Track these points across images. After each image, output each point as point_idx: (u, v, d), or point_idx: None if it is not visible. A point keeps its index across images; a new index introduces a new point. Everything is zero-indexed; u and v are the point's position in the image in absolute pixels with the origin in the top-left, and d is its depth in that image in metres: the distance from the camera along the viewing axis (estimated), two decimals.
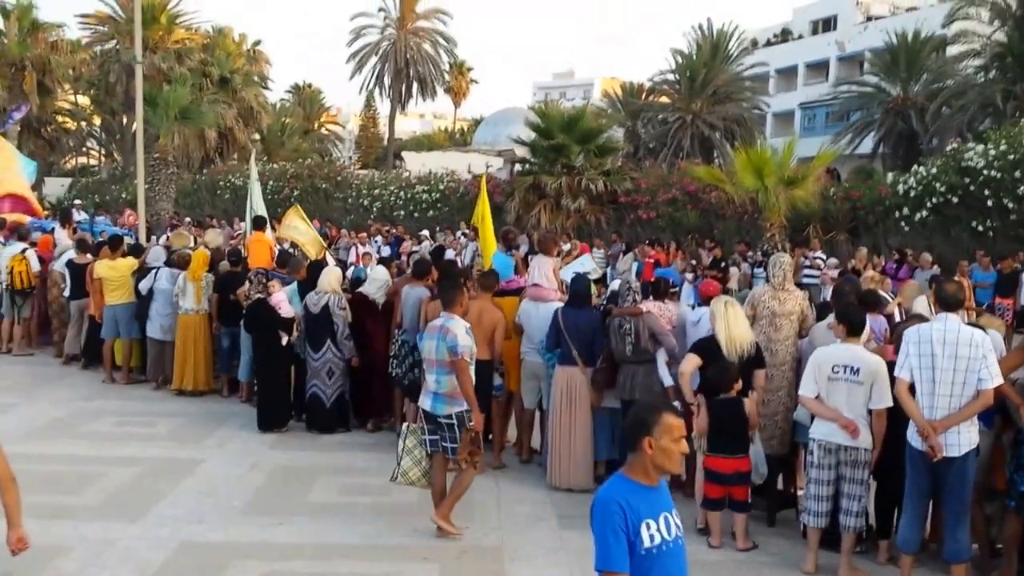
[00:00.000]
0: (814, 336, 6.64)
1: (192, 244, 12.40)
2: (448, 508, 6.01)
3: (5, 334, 12.03)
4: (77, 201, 24.11)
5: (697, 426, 6.07)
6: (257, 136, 42.55)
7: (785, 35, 50.54)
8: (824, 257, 15.95)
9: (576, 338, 7.00)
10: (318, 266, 9.64)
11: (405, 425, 6.37)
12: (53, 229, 13.74)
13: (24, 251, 11.82)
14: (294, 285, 9.14)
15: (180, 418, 8.95)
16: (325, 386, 8.46)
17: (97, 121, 47.34)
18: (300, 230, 12.27)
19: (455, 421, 5.90)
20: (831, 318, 6.26)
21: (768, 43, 49.93)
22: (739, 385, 6.02)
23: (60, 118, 42.77)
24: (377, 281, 8.81)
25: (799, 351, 6.68)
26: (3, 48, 38.07)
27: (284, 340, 8.56)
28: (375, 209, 29.01)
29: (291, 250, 11.75)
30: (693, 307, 8.08)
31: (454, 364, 5.83)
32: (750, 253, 17.05)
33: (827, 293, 12.17)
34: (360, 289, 8.87)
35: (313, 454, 7.92)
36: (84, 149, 51.56)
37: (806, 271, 15.00)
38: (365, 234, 20.28)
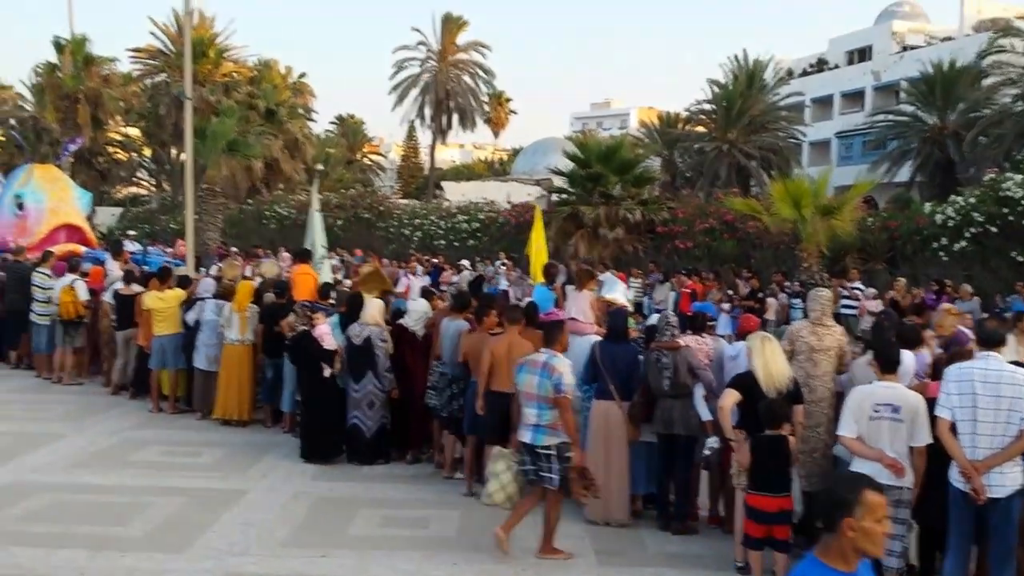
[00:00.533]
0: (854, 372, 6.60)
1: (245, 274, 12.62)
2: (549, 542, 6.26)
3: (57, 364, 12.37)
4: (131, 232, 24.83)
5: (738, 462, 6.04)
6: (303, 166, 43.33)
7: (821, 65, 51.13)
8: (863, 288, 15.78)
9: (612, 372, 7.04)
10: (358, 299, 9.82)
11: (496, 449, 6.50)
12: (104, 260, 14.12)
13: (73, 282, 12.16)
14: (335, 317, 9.32)
15: (224, 448, 9.14)
16: (366, 417, 8.59)
17: (147, 152, 48.62)
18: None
19: (554, 452, 6.08)
20: (871, 354, 6.23)
21: (804, 73, 50.51)
22: (788, 426, 5.98)
23: (112, 149, 44.07)
24: (416, 313, 8.95)
25: (838, 386, 6.64)
26: (58, 81, 39.41)
27: (327, 372, 8.72)
28: (416, 239, 29.36)
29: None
30: (730, 339, 8.07)
31: (558, 401, 6.04)
32: (787, 283, 16.92)
33: (865, 324, 12.04)
34: (400, 321, 9.00)
35: (354, 485, 8.03)
36: (134, 179, 52.93)
37: (844, 302, 14.86)
38: (415, 263, 20.45)
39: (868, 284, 16.80)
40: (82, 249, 15.04)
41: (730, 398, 6.25)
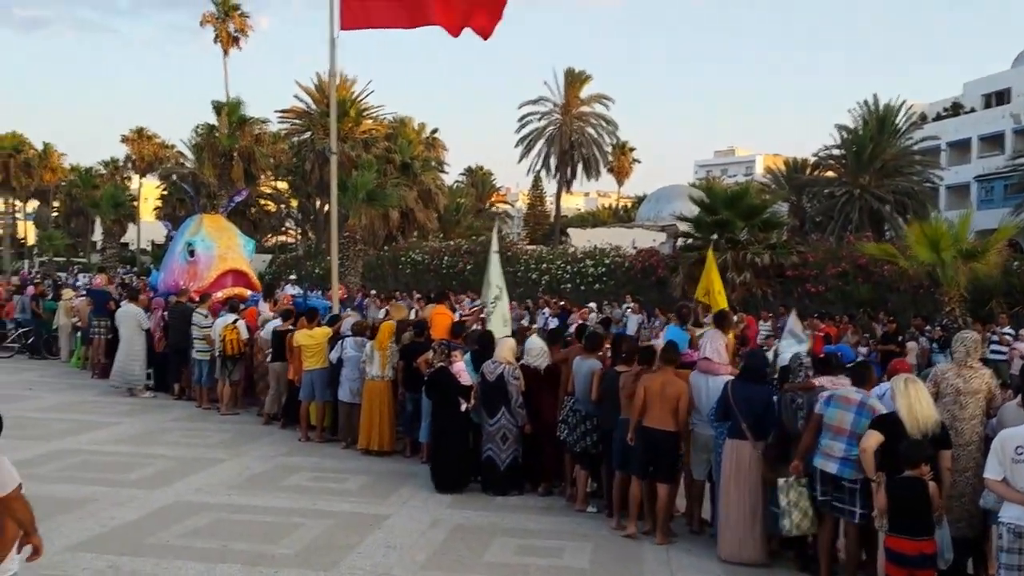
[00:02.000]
0: (1004, 415, 6.36)
1: (412, 315, 13.10)
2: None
3: (218, 395, 13.32)
4: (292, 277, 26.47)
5: (877, 504, 5.92)
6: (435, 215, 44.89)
7: (956, 109, 49.65)
8: (1013, 332, 14.93)
9: (745, 412, 7.04)
10: (489, 337, 10.20)
11: (783, 481, 6.63)
12: (258, 301, 15.16)
13: (235, 321, 13.13)
14: (468, 354, 9.71)
15: (367, 475, 9.59)
16: (499, 450, 8.88)
17: (294, 204, 51.67)
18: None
19: (859, 487, 6.21)
20: (1021, 397, 6.01)
21: (938, 117, 49.22)
22: (927, 467, 5.83)
23: (263, 201, 47.13)
24: (534, 350, 9.26)
25: (988, 430, 6.40)
26: (215, 140, 42.63)
27: (463, 407, 9.08)
28: (543, 282, 29.78)
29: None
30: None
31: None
32: (928, 328, 16.20)
33: (1016, 369, 11.41)
34: (523, 361, 9.29)
35: (489, 515, 8.27)
36: (283, 229, 56.31)
37: (993, 347, 14.15)
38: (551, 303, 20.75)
39: (1016, 329, 15.88)
40: (247, 292, 15.92)
41: (873, 439, 6.13)
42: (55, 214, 71.27)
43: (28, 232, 73.39)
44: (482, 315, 12.43)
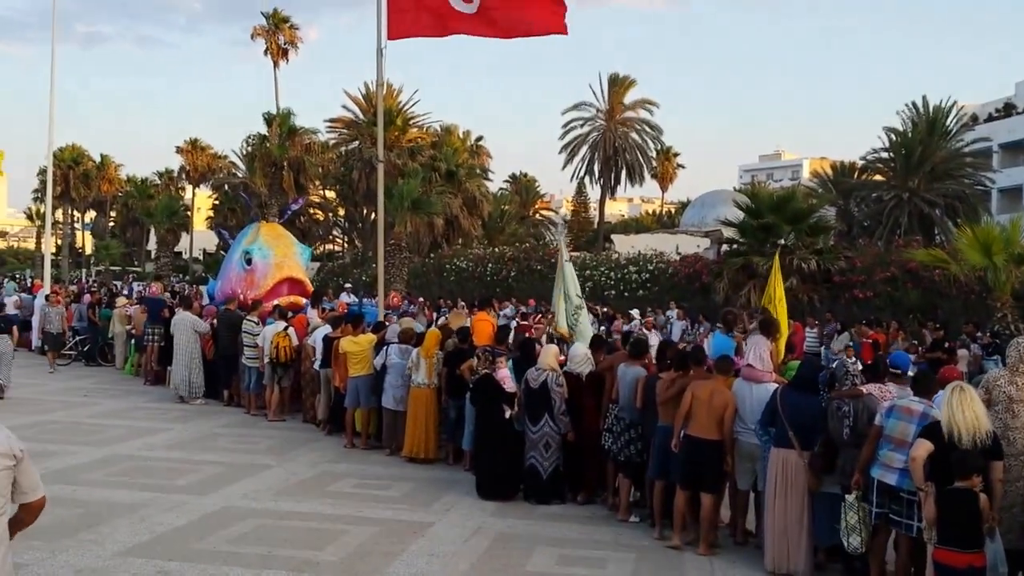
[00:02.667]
0: None
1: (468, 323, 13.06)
2: None
3: (266, 401, 13.54)
4: (347, 285, 26.84)
5: (926, 515, 5.77)
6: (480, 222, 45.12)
7: (1008, 109, 48.37)
8: None
9: (793, 421, 6.92)
10: (531, 344, 10.20)
11: (851, 497, 6.49)
12: (306, 309, 15.34)
13: (286, 328, 13.32)
14: (510, 361, 9.71)
15: (411, 482, 9.66)
16: (542, 458, 8.86)
17: (341, 212, 52.37)
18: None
19: (918, 499, 6.10)
20: None
21: (990, 118, 47.93)
22: (979, 479, 5.67)
23: (311, 210, 47.88)
24: (577, 357, 9.25)
25: None
26: (266, 151, 43.42)
27: (507, 413, 9.09)
28: (587, 289, 29.67)
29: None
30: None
31: None
32: (979, 334, 15.77)
33: None
34: (566, 368, 9.27)
35: (531, 523, 8.27)
36: (330, 237, 57.10)
37: None
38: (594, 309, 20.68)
39: None
40: (303, 301, 15.92)
41: (922, 448, 5.99)
42: (111, 224, 73.26)
43: (86, 242, 75.51)
44: (549, 328, 12.31)
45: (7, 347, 15.06)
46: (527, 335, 12.48)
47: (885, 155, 33.60)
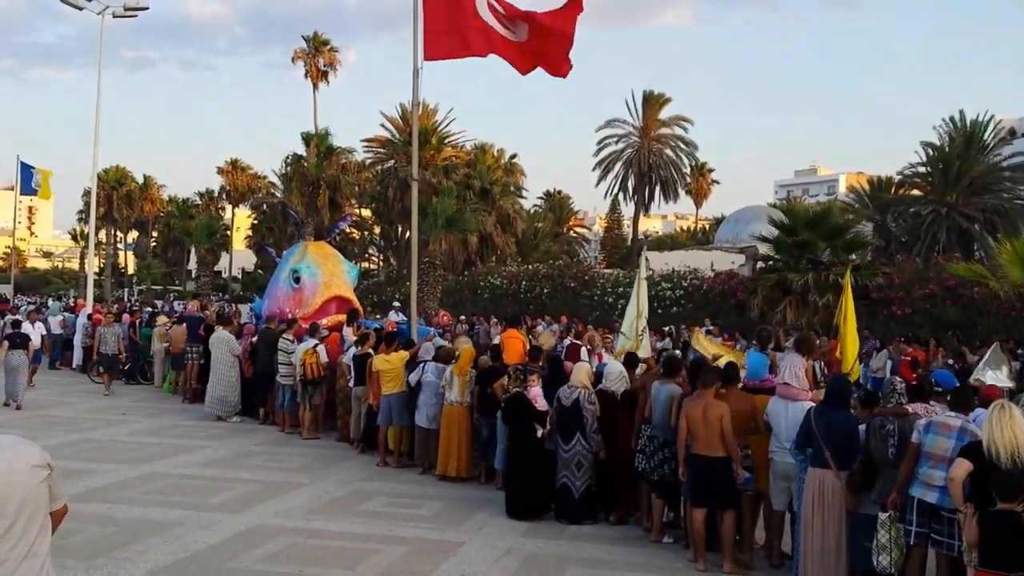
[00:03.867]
0: None
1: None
2: None
3: (299, 420, 13.60)
4: (395, 304, 26.99)
5: (967, 537, 5.59)
6: (513, 240, 45.20)
7: None
8: None
9: (828, 439, 6.76)
10: (559, 362, 10.10)
11: (885, 515, 6.36)
12: (342, 326, 15.36)
13: (315, 346, 13.41)
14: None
15: (442, 501, 9.62)
16: (574, 477, 8.77)
17: (377, 230, 52.83)
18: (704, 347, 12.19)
19: (958, 518, 5.97)
20: None
21: None
22: (1009, 500, 5.48)
23: (347, 229, 48.32)
24: (612, 374, 9.16)
25: None
26: (303, 170, 44.01)
27: (540, 432, 9.02)
28: (620, 306, 29.50)
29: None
30: None
31: None
32: (1020, 351, 15.35)
33: None
34: (600, 386, 9.17)
35: (563, 544, 8.17)
36: (366, 255, 57.58)
37: None
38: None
39: None
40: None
41: (962, 468, 5.82)
42: (153, 244, 74.70)
43: (128, 261, 77.04)
44: (615, 347, 12.17)
45: (21, 361, 15.61)
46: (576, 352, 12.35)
47: (923, 170, 33.33)
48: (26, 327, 17.74)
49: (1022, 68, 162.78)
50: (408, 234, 39.67)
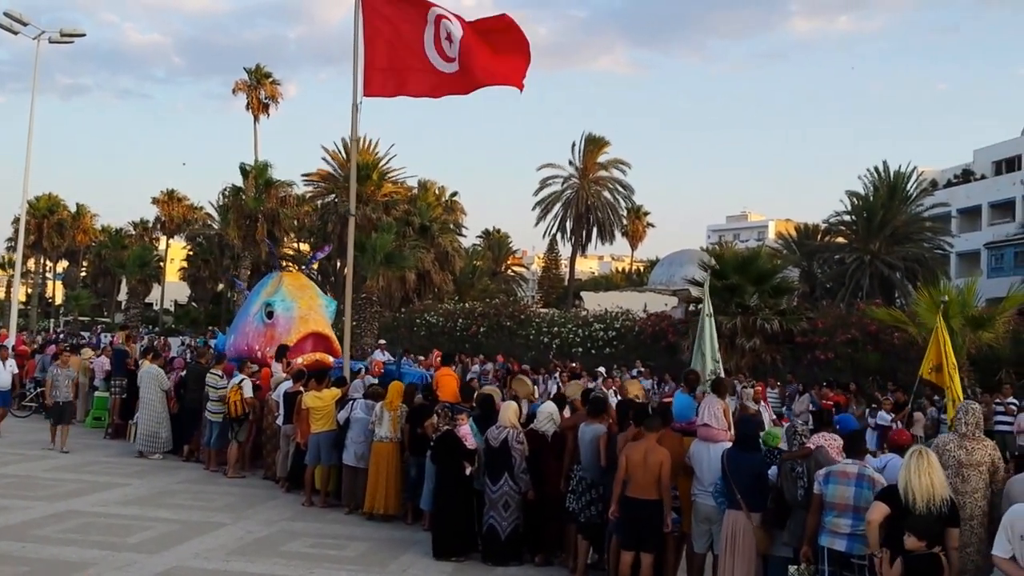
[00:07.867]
0: (1011, 489, 6.22)
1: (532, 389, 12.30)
2: None
3: (226, 457, 13.26)
4: (382, 341, 26.37)
5: None
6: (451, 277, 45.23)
7: (967, 176, 50.28)
8: (1018, 403, 14.72)
9: (738, 481, 6.94)
10: (491, 401, 10.15)
11: (794, 569, 6.40)
12: (270, 363, 15.05)
13: (241, 382, 13.12)
14: (471, 419, 9.67)
15: (368, 542, 9.50)
16: (501, 518, 8.78)
17: (315, 266, 52.19)
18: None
19: (868, 563, 6.06)
20: None
21: (949, 183, 49.75)
22: (922, 542, 5.65)
23: (284, 263, 47.58)
24: (542, 415, 9.23)
25: (991, 505, 6.26)
26: (241, 203, 43.44)
27: (468, 471, 9.02)
28: (554, 346, 29.72)
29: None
30: (875, 454, 7.78)
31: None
32: (937, 397, 15.98)
33: (1022, 441, 11.21)
34: (532, 426, 9.23)
35: None
36: None
37: (998, 417, 14.00)
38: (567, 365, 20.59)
39: (1022, 399, 15.61)
40: (330, 359, 14.40)
41: (878, 512, 5.97)
42: (84, 274, 72.59)
43: (56, 291, 74.61)
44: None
45: None
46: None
47: (847, 218, 34.57)
48: None
49: (943, 122, 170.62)
50: (347, 269, 39.45)
